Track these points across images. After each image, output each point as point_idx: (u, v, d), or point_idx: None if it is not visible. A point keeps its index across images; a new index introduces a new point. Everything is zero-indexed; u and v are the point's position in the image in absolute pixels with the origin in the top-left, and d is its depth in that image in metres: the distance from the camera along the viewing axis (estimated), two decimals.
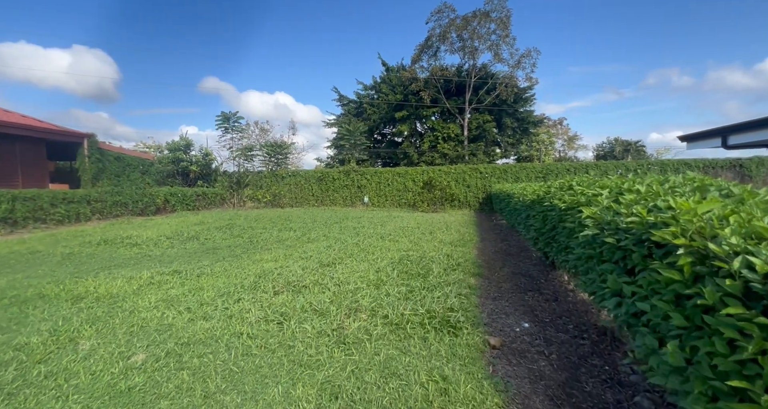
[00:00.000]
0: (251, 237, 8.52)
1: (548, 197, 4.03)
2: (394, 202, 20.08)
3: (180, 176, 18.84)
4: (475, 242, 7.98)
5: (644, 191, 2.26)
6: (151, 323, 3.27)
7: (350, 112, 33.39)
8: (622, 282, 1.96)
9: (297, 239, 8.36)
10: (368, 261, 5.81)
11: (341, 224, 11.37)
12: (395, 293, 4.06)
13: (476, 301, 4.02)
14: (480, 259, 6.32)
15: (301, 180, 21.31)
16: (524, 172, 17.76)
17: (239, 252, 6.81)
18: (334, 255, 6.26)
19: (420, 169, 19.81)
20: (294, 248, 7.09)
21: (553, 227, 4.00)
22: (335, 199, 20.94)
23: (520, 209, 6.28)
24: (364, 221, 12.02)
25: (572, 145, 59.21)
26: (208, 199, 18.98)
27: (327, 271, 5.18)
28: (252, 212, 17.40)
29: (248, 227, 10.38)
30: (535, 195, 5.08)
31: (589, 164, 16.83)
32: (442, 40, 29.96)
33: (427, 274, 4.95)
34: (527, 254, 6.77)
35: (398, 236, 8.57)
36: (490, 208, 17.95)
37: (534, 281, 4.99)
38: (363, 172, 20.67)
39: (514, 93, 30.28)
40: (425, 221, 12.47)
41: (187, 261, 6.00)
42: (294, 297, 3.97)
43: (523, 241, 8.05)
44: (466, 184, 18.72)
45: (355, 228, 10.20)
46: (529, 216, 5.45)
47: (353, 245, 7.26)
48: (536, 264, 5.90)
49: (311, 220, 12.58)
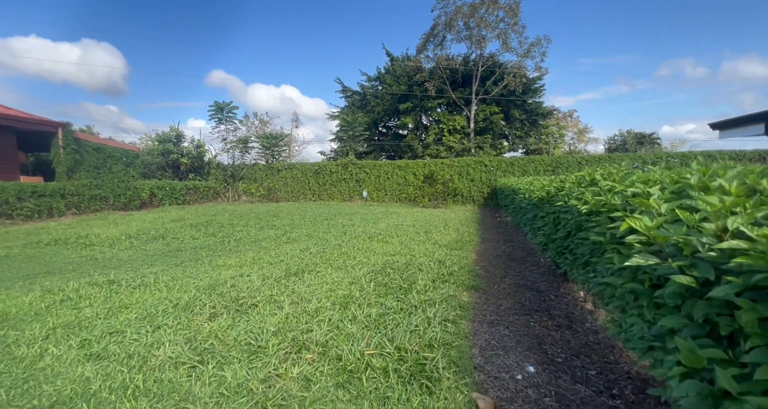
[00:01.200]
0: (225, 236, 7.69)
1: (562, 195, 3.09)
2: (394, 196, 19.16)
3: (170, 169, 18.09)
4: (474, 244, 7.05)
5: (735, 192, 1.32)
6: (17, 367, 2.43)
7: (354, 104, 32.32)
8: (712, 358, 1.05)
9: (275, 239, 7.51)
10: (345, 269, 4.93)
11: (331, 220, 10.51)
12: (363, 318, 3.18)
13: (467, 328, 3.12)
14: (478, 265, 5.40)
15: (298, 173, 20.47)
16: (532, 165, 16.68)
17: (203, 255, 5.98)
18: (308, 260, 5.40)
19: (421, 162, 18.82)
20: (267, 251, 6.24)
21: (568, 233, 3.07)
22: (333, 193, 20.08)
23: (526, 207, 5.33)
24: (356, 218, 11.14)
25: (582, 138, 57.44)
26: (200, 193, 18.24)
27: (291, 282, 4.31)
28: (243, 206, 16.63)
29: (229, 224, 9.56)
30: (544, 191, 4.13)
31: (602, 157, 15.68)
32: (448, 28, 28.66)
33: (410, 288, 4.06)
34: (534, 259, 5.84)
35: (389, 235, 7.68)
36: (495, 203, 16.94)
37: (542, 296, 4.07)
38: (362, 165, 19.75)
39: (522, 83, 28.94)
40: (423, 217, 11.55)
41: (136, 266, 5.18)
42: (234, 322, 3.11)
43: (529, 242, 7.11)
44: (470, 178, 17.70)
45: (344, 226, 9.33)
46: (536, 217, 4.50)
47: (335, 248, 6.39)
48: (544, 273, 4.97)
49: (301, 216, 11.74)
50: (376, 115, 30.39)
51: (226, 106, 20.55)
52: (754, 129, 7.13)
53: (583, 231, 2.49)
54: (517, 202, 6.54)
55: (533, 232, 4.82)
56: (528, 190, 5.53)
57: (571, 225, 2.76)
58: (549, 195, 3.72)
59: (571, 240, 2.94)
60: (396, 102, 30.03)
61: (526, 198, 5.25)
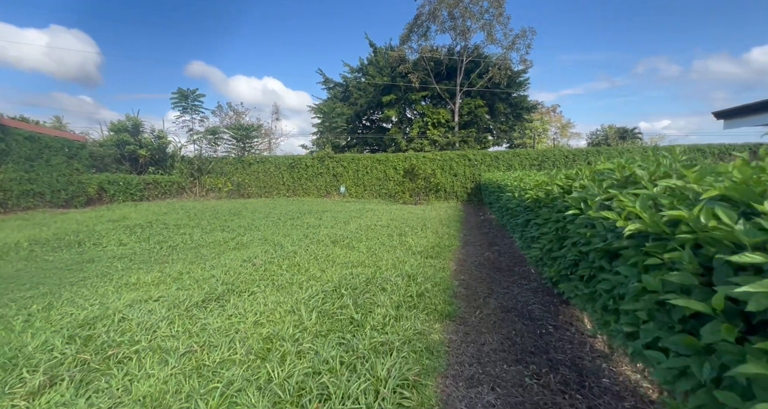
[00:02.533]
0: (162, 241, 6.47)
1: (575, 199, 2.08)
2: (373, 192, 18.08)
3: (128, 162, 16.45)
4: (454, 249, 6.07)
5: None
6: None
7: (336, 96, 30.83)
8: None
9: (221, 244, 6.34)
10: (288, 289, 3.85)
11: (297, 220, 9.37)
12: (278, 382, 2.12)
13: (435, 396, 2.11)
14: (458, 279, 4.42)
15: (271, 167, 19.11)
16: (517, 160, 15.87)
17: (117, 268, 4.78)
18: (245, 276, 4.29)
19: (402, 156, 17.78)
20: (202, 261, 5.08)
21: (581, 257, 2.08)
22: (308, 188, 18.84)
23: (516, 209, 4.34)
24: (327, 217, 10.03)
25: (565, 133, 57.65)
26: (162, 188, 16.70)
27: (208, 312, 3.21)
28: (207, 203, 15.24)
29: (175, 225, 8.29)
30: (542, 191, 3.14)
31: (591, 150, 14.99)
32: (432, 18, 27.58)
33: (363, 321, 3.02)
34: (523, 270, 4.90)
35: (357, 239, 6.62)
36: (479, 199, 16.09)
37: (537, 328, 3.11)
38: (339, 158, 18.56)
39: (507, 76, 28.23)
40: (401, 215, 10.54)
41: (4, 289, 3.95)
42: (70, 398, 2.00)
43: (517, 247, 6.18)
44: (453, 173, 16.78)
45: (310, 227, 8.21)
46: (529, 223, 3.52)
47: (287, 256, 5.29)
48: (537, 290, 4.02)
49: (265, 214, 10.54)
50: (358, 107, 29.05)
51: (191, 94, 18.93)
52: (765, 118, 6.36)
53: (621, 262, 1.49)
54: (504, 202, 5.56)
55: (524, 241, 3.85)
56: (517, 187, 4.54)
57: (594, 248, 1.75)
58: (550, 197, 2.72)
59: (590, 267, 1.94)
60: (379, 94, 28.81)
61: (515, 198, 4.27)
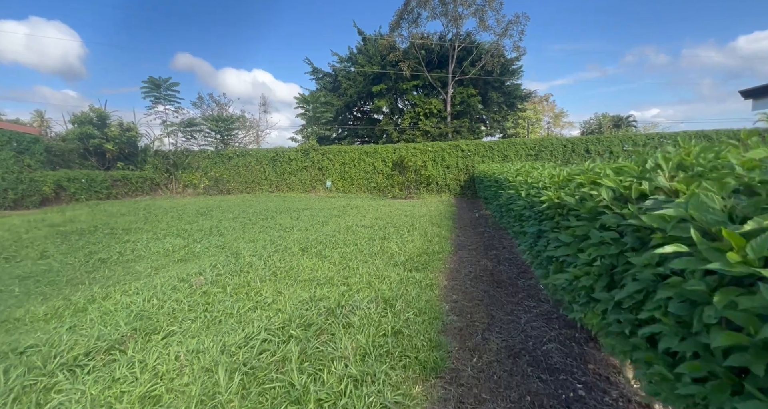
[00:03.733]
0: (96, 251, 5.40)
1: (664, 220, 1.10)
2: (361, 186, 17.04)
3: (94, 157, 15.14)
4: (445, 256, 5.12)
5: None
6: None
7: (326, 86, 29.40)
8: None
9: (169, 254, 5.30)
10: (221, 327, 2.86)
11: (270, 221, 8.33)
12: None
13: None
14: (448, 300, 3.47)
15: (252, 161, 17.93)
16: (513, 150, 14.91)
17: (16, 292, 3.73)
18: (171, 305, 3.29)
19: (391, 147, 16.73)
20: (131, 281, 4.06)
21: (670, 318, 1.11)
22: (292, 183, 17.73)
23: (523, 213, 3.36)
24: (305, 216, 9.01)
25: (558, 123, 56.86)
26: (133, 185, 15.45)
27: (84, 373, 2.21)
28: (179, 201, 14.09)
29: (127, 228, 7.20)
30: (573, 193, 2.14)
31: (590, 139, 14.06)
32: (422, 4, 26.28)
33: (306, 393, 2.04)
34: (529, 283, 3.97)
35: (332, 245, 5.63)
36: (473, 192, 15.16)
37: (560, 387, 2.17)
38: (324, 151, 17.44)
39: (500, 64, 27.16)
40: (388, 213, 9.56)
41: None
42: None
43: (518, 250, 5.25)
44: (445, 165, 15.79)
45: (282, 229, 7.20)
46: (542, 236, 2.55)
47: (241, 271, 4.29)
48: (551, 317, 3.09)
49: (236, 215, 9.47)
50: (348, 98, 27.74)
51: (164, 83, 17.54)
52: None
53: None
54: (504, 201, 4.58)
55: (535, 257, 2.88)
56: (523, 184, 3.56)
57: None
58: (589, 204, 1.75)
59: (697, 346, 0.97)
60: (369, 84, 27.57)
61: (521, 197, 3.29)
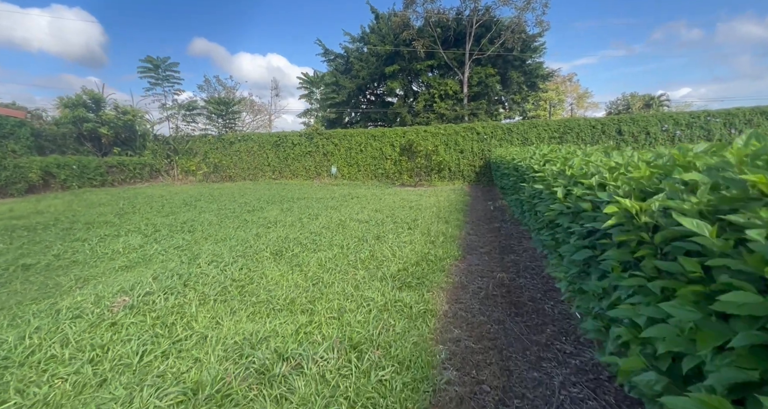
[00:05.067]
0: (24, 255, 4.59)
1: None
2: (368, 172, 15.96)
3: (90, 142, 14.56)
4: (450, 263, 4.05)
5: None
6: None
7: (338, 68, 27.99)
8: None
9: (113, 258, 4.43)
10: (80, 402, 1.92)
11: (256, 214, 7.41)
12: None
13: None
14: (444, 340, 2.42)
15: (254, 146, 17.04)
16: (534, 132, 13.46)
17: None
18: (38, 358, 2.37)
19: (400, 131, 15.50)
20: (27, 304, 3.19)
21: None
22: (296, 169, 16.80)
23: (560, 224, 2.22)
24: (297, 208, 8.06)
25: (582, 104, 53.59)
26: (130, 171, 14.85)
27: None
28: (175, 188, 13.39)
29: (89, 222, 6.42)
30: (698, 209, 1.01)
31: (623, 119, 12.46)
32: None
33: None
34: (559, 309, 2.87)
35: (313, 247, 4.65)
36: (489, 180, 13.88)
37: None
38: (329, 135, 16.36)
39: (522, 40, 24.98)
40: (392, 204, 8.50)
41: None
42: None
43: (545, 261, 4.13)
44: (459, 150, 14.49)
45: (264, 225, 6.26)
46: (598, 269, 1.43)
47: (185, 287, 3.36)
48: (597, 376, 2.01)
49: (220, 206, 8.60)
50: (360, 80, 26.32)
51: (162, 63, 16.66)
52: None
53: None
54: (527, 198, 3.44)
55: (575, 286, 1.78)
56: (558, 179, 2.43)
57: None
58: None
59: None
60: (382, 65, 26.03)
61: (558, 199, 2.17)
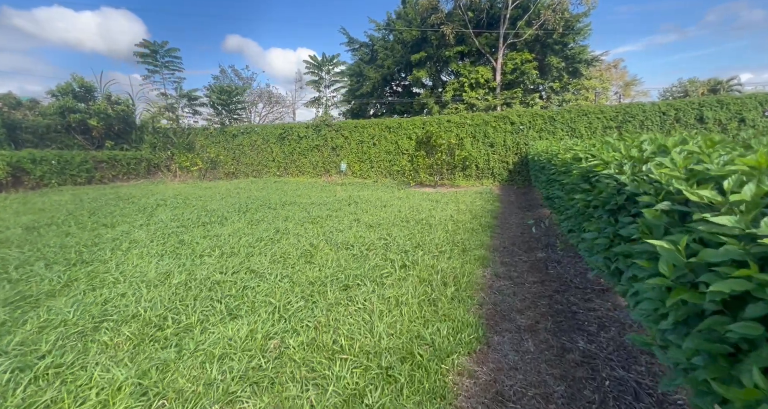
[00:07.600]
0: None
1: None
2: (382, 169, 13.94)
3: (82, 135, 13.52)
4: (461, 357, 1.98)
5: None
6: None
7: (363, 58, 26.05)
8: None
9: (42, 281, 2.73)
10: None
11: (210, 228, 5.62)
12: None
13: None
14: None
15: (258, 139, 15.47)
16: (584, 121, 10.86)
17: None
18: None
19: (419, 121, 13.34)
20: None
21: None
22: (302, 165, 15.05)
23: None
24: (269, 220, 6.20)
25: (629, 93, 48.44)
26: (123, 167, 13.67)
27: None
28: (162, 187, 12.00)
29: (36, 232, 4.87)
30: None
31: (706, 101, 9.66)
32: None
33: None
34: None
35: (227, 309, 2.73)
36: (525, 179, 11.47)
37: None
38: (339, 126, 14.46)
39: (563, 20, 21.71)
40: (395, 216, 6.45)
41: None
42: None
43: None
44: (489, 143, 12.14)
45: (194, 253, 4.43)
46: None
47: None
48: None
49: (180, 214, 6.91)
50: (386, 70, 24.23)
51: (161, 48, 15.38)
52: None
53: None
54: (626, 235, 1.36)
55: None
56: None
57: None
58: None
59: None
60: (408, 53, 23.77)
61: None
